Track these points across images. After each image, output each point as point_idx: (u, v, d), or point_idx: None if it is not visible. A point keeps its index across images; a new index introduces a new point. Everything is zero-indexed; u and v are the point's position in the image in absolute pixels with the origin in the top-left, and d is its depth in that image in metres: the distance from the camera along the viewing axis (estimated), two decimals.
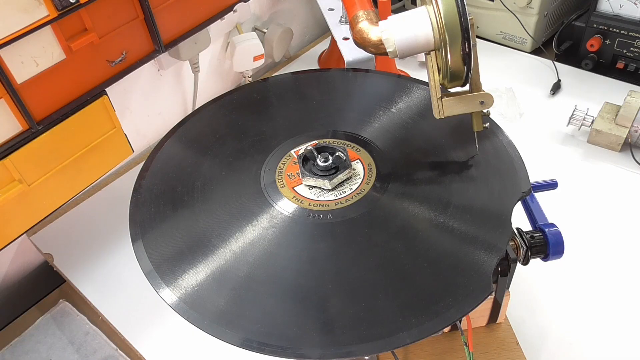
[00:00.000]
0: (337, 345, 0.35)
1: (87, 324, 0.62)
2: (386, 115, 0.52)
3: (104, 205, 0.73)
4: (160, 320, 0.59)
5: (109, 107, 0.58)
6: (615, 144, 0.74)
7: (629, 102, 0.72)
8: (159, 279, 0.40)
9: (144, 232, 0.43)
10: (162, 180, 0.48)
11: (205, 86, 0.87)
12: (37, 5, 0.46)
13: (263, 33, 0.90)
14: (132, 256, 0.41)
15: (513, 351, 0.51)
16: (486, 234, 0.41)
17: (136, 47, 0.59)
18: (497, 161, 0.47)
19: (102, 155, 0.60)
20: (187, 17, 0.64)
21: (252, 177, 0.47)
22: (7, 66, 0.47)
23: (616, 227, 0.65)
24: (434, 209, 0.43)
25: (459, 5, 0.40)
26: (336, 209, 0.43)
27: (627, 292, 0.59)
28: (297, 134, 0.50)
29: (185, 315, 0.38)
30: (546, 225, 0.46)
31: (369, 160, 0.47)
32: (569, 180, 0.71)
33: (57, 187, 0.56)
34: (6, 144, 0.50)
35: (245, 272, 0.40)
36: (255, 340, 0.36)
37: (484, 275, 0.38)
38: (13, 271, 0.70)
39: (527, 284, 0.59)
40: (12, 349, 0.60)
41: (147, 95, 0.78)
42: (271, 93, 0.57)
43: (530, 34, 0.93)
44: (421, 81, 0.55)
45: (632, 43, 0.83)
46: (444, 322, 0.36)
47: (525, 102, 0.84)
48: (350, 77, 0.59)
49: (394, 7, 1.13)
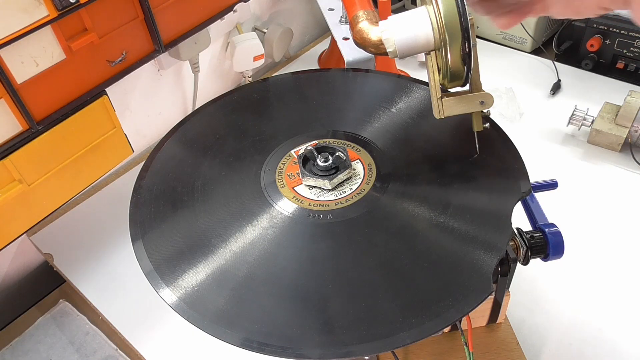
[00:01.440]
0: (337, 345, 0.35)
1: (87, 324, 0.62)
2: (386, 115, 0.52)
3: (104, 205, 0.73)
4: (160, 320, 0.59)
5: (109, 107, 0.58)
6: (615, 144, 0.74)
7: (629, 102, 0.72)
8: (159, 279, 0.40)
9: (144, 232, 0.43)
10: (162, 180, 0.48)
11: (205, 86, 0.87)
12: (37, 5, 0.46)
13: (263, 33, 0.90)
14: (132, 256, 0.41)
15: (513, 351, 0.51)
16: (486, 234, 0.41)
17: (136, 47, 0.59)
18: (497, 161, 0.47)
19: (102, 155, 0.60)
20: (187, 17, 0.64)
21: (252, 177, 0.47)
22: (7, 66, 0.47)
23: (616, 227, 0.65)
24: (434, 209, 0.43)
25: (459, 5, 0.40)
26: (336, 209, 0.43)
27: (627, 292, 0.59)
28: (297, 134, 0.50)
29: (185, 315, 0.38)
30: (546, 225, 0.46)
31: (369, 160, 0.47)
32: (569, 180, 0.71)
33: (57, 187, 0.56)
34: (6, 144, 0.50)
35: (245, 272, 0.40)
36: (255, 340, 0.36)
37: (484, 275, 0.38)
38: (13, 271, 0.70)
39: (527, 284, 0.59)
40: (12, 349, 0.60)
41: (147, 95, 0.78)
42: (271, 93, 0.57)
43: (530, 34, 0.93)
44: (421, 81, 0.55)
45: (632, 43, 0.83)
46: (444, 322, 0.36)
47: (525, 102, 0.84)
48: (350, 77, 0.59)
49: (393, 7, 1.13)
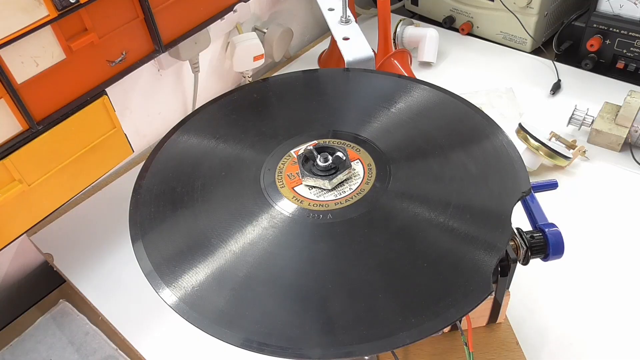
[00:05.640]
0: (337, 345, 0.35)
1: (87, 324, 0.62)
2: (386, 115, 0.52)
3: (104, 205, 0.73)
4: (160, 320, 0.59)
5: (109, 107, 0.58)
6: (615, 144, 0.74)
7: (629, 102, 0.72)
8: (159, 279, 0.40)
9: (144, 233, 0.43)
10: (162, 180, 0.48)
11: (205, 86, 0.87)
12: (37, 5, 0.46)
13: (263, 33, 0.90)
14: (132, 256, 0.41)
15: (513, 351, 0.51)
16: (486, 234, 0.41)
17: (136, 47, 0.59)
18: (497, 161, 0.47)
19: (102, 155, 0.60)
20: (187, 17, 0.64)
21: (252, 177, 0.47)
22: (7, 66, 0.47)
23: (616, 227, 0.65)
24: (434, 209, 0.43)
25: None
26: (336, 209, 0.43)
27: (627, 292, 0.59)
28: (297, 134, 0.50)
29: (185, 315, 0.38)
30: (546, 225, 0.46)
31: (369, 160, 0.47)
32: (569, 180, 0.71)
33: (57, 187, 0.56)
34: (6, 144, 0.50)
35: (245, 272, 0.40)
36: (255, 341, 0.36)
37: (484, 275, 0.38)
38: (13, 271, 0.70)
39: (527, 284, 0.59)
40: (12, 349, 0.60)
41: (147, 95, 0.78)
42: (271, 93, 0.57)
43: (530, 34, 0.93)
44: (421, 81, 0.55)
45: (632, 43, 0.83)
46: (444, 322, 0.36)
47: (525, 102, 0.84)
48: (350, 77, 0.59)
49: (393, 8, 1.13)
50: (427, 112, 0.52)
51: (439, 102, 0.53)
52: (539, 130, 0.70)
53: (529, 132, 0.69)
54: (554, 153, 0.68)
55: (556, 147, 0.69)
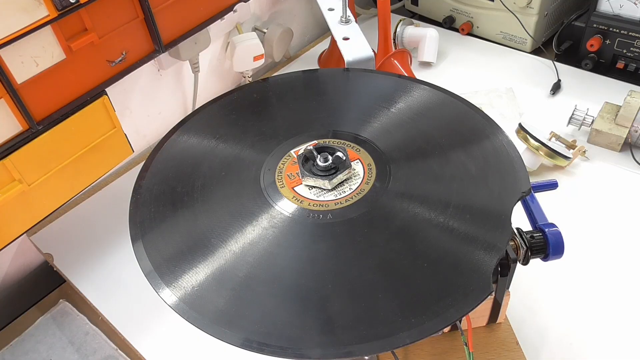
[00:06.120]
0: (337, 345, 0.35)
1: (87, 324, 0.62)
2: (386, 115, 0.52)
3: (104, 205, 0.73)
4: (160, 320, 0.59)
5: (109, 107, 0.58)
6: (615, 144, 0.74)
7: (629, 102, 0.72)
8: (159, 279, 0.40)
9: (144, 233, 0.43)
10: (162, 180, 0.48)
11: (205, 86, 0.87)
12: (37, 5, 0.46)
13: (263, 33, 0.90)
14: (132, 256, 0.41)
15: (513, 351, 0.51)
16: (486, 234, 0.41)
17: (136, 47, 0.59)
18: (497, 161, 0.47)
19: (102, 155, 0.60)
20: (187, 17, 0.64)
21: (252, 177, 0.47)
22: (7, 66, 0.47)
23: (616, 227, 0.65)
24: (434, 209, 0.43)
25: None
26: (336, 209, 0.43)
27: (627, 292, 0.59)
28: (297, 134, 0.50)
29: (185, 315, 0.38)
30: (546, 225, 0.46)
31: (369, 160, 0.47)
32: (569, 180, 0.71)
33: (57, 187, 0.56)
34: (6, 144, 0.50)
35: (245, 272, 0.40)
36: (255, 341, 0.36)
37: (484, 275, 0.38)
38: (13, 271, 0.70)
39: (527, 284, 0.59)
40: (12, 349, 0.60)
41: (147, 95, 0.78)
42: (271, 93, 0.57)
43: (530, 34, 0.94)
44: (421, 81, 0.55)
45: (632, 43, 0.83)
46: (444, 322, 0.36)
47: (525, 102, 0.84)
48: (350, 77, 0.59)
49: (393, 7, 1.13)
50: (427, 112, 0.52)
51: (439, 102, 0.53)
52: (539, 130, 0.70)
53: (529, 132, 0.69)
54: (554, 153, 0.68)
55: (556, 147, 0.69)
